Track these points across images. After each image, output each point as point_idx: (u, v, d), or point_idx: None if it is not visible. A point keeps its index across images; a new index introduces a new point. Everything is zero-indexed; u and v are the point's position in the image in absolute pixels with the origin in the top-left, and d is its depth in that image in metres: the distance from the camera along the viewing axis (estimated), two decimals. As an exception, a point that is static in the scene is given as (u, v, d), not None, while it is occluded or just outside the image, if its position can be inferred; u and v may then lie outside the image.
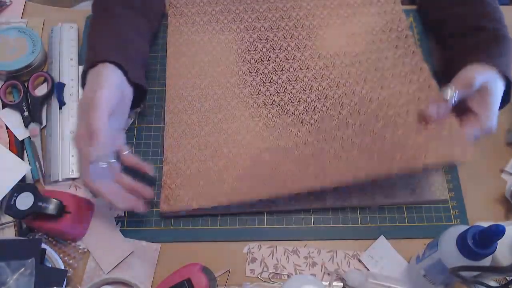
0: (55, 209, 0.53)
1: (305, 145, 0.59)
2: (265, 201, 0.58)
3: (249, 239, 0.58)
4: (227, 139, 0.61)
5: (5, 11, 0.75)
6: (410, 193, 0.60)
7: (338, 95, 0.63)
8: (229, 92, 0.64)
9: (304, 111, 0.62)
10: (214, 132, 0.62)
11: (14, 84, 0.67)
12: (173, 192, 0.59)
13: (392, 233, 0.59)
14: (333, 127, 0.60)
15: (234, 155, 0.60)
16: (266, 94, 0.64)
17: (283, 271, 0.57)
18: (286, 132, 0.61)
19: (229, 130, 0.62)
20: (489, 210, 0.61)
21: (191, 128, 0.62)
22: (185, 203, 0.58)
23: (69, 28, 0.71)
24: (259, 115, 0.63)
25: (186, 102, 0.64)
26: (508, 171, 0.62)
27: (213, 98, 0.64)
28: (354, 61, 0.66)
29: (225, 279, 0.56)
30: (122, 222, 0.59)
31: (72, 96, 0.66)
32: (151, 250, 0.57)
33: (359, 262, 0.57)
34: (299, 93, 0.64)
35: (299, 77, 0.65)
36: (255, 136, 0.61)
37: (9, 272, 0.50)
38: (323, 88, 0.64)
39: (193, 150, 0.61)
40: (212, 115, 0.63)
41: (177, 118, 0.63)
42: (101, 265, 0.56)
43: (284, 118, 0.62)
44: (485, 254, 0.44)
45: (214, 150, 0.61)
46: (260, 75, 0.65)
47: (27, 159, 0.63)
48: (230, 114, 0.63)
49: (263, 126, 0.62)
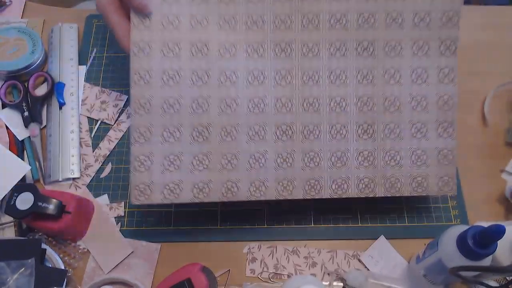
0: (55, 209, 0.53)
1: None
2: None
3: (249, 239, 0.58)
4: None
5: (5, 11, 0.75)
6: (415, 187, 0.55)
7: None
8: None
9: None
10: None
11: (14, 84, 0.67)
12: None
13: (392, 233, 0.59)
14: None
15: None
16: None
17: (283, 271, 0.57)
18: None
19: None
20: (489, 210, 0.61)
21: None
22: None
23: (69, 28, 0.71)
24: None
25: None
26: (508, 171, 0.62)
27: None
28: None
29: (225, 279, 0.56)
30: (122, 222, 0.59)
31: (72, 96, 0.66)
32: (151, 250, 0.57)
33: (359, 262, 0.57)
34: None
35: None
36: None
37: (9, 272, 0.50)
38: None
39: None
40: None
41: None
42: (101, 265, 0.56)
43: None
44: (485, 254, 0.44)
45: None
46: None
47: (27, 159, 0.63)
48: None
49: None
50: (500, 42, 0.72)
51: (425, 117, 0.54)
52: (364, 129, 0.54)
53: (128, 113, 0.66)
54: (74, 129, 0.64)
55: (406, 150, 0.54)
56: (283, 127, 0.53)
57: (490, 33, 0.73)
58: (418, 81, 0.54)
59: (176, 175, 0.52)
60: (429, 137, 0.54)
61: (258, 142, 0.53)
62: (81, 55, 0.70)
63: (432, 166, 0.54)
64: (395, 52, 0.54)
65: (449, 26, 0.53)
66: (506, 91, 0.68)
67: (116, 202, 0.60)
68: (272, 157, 0.53)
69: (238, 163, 0.53)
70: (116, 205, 0.60)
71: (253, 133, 0.53)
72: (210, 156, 0.52)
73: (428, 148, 0.54)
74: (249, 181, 0.53)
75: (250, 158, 0.53)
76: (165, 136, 0.52)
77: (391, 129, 0.54)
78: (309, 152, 0.53)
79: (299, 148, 0.53)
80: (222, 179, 0.52)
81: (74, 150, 0.63)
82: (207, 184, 0.52)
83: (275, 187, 0.53)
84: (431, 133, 0.54)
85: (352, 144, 0.54)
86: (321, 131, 0.53)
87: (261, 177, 0.53)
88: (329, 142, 0.53)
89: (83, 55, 0.70)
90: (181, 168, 0.52)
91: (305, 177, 0.53)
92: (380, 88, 0.54)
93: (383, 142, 0.54)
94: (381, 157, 0.54)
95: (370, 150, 0.54)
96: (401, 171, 0.54)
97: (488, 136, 0.65)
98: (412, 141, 0.54)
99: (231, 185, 0.53)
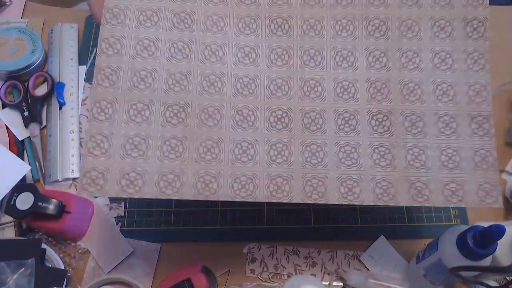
0: (55, 209, 0.53)
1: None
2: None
3: (249, 239, 0.58)
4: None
5: (5, 11, 0.75)
6: (449, 196, 0.44)
7: None
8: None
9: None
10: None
11: (14, 84, 0.67)
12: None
13: (392, 233, 0.59)
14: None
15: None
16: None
17: (283, 271, 0.57)
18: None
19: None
20: (489, 210, 0.61)
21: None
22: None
23: (69, 28, 0.71)
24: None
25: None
26: (508, 171, 0.62)
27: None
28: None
29: (225, 279, 0.56)
30: (122, 222, 0.59)
31: (72, 96, 0.66)
32: (151, 250, 0.57)
33: (359, 262, 0.57)
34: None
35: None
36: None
37: (9, 272, 0.50)
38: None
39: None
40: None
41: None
42: (101, 265, 0.56)
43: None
44: (485, 254, 0.44)
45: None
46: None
47: (27, 159, 0.63)
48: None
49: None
50: (500, 42, 0.72)
51: (453, 109, 0.45)
52: (379, 120, 0.45)
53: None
54: (74, 129, 0.64)
55: (434, 148, 0.44)
56: (278, 113, 0.45)
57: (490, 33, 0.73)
58: (442, 66, 0.46)
59: (140, 163, 0.42)
60: (460, 133, 0.45)
61: (246, 129, 0.44)
62: (81, 55, 0.70)
63: (468, 170, 0.44)
64: (413, 33, 0.46)
65: (474, 5, 0.46)
66: (506, 91, 0.68)
67: (116, 202, 0.60)
68: (263, 149, 0.44)
69: (220, 153, 0.43)
70: (116, 205, 0.60)
71: (240, 118, 0.44)
72: (186, 143, 0.43)
73: (461, 147, 0.45)
74: (233, 177, 0.43)
75: (235, 148, 0.44)
76: (131, 114, 0.43)
77: (412, 122, 0.45)
78: (310, 144, 0.44)
79: (298, 139, 0.44)
80: (198, 171, 0.43)
81: (74, 150, 0.63)
82: (178, 177, 0.42)
83: (267, 186, 0.43)
84: (463, 129, 0.45)
85: (365, 138, 0.45)
86: (325, 120, 0.45)
87: (249, 173, 0.43)
88: (335, 134, 0.44)
89: (83, 55, 0.70)
90: (147, 154, 0.43)
91: (306, 176, 0.44)
92: (396, 73, 0.46)
93: (403, 137, 0.45)
94: (403, 156, 0.44)
95: (388, 146, 0.45)
96: (428, 175, 0.44)
97: (488, 136, 0.65)
98: (440, 138, 0.45)
99: (210, 180, 0.42)
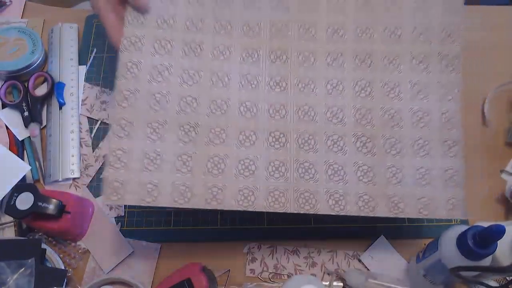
0: (55, 209, 0.53)
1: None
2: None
3: (249, 239, 0.58)
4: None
5: (5, 11, 0.75)
6: (421, 209, 0.51)
7: None
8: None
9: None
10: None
11: (14, 84, 0.67)
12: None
13: (392, 233, 0.59)
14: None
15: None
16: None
17: (283, 271, 0.57)
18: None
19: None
20: (489, 210, 0.61)
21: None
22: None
23: (69, 28, 0.71)
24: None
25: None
26: (508, 171, 0.62)
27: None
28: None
29: (225, 279, 0.56)
30: (122, 222, 0.59)
31: (72, 96, 0.66)
32: (151, 250, 0.57)
33: (359, 262, 0.57)
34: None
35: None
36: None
37: (9, 272, 0.50)
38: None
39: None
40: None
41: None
42: (101, 265, 0.56)
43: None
44: (485, 254, 0.44)
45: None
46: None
47: (27, 159, 0.63)
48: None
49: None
50: (500, 42, 0.72)
51: (427, 133, 0.52)
52: (363, 142, 0.51)
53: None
54: (74, 129, 0.64)
55: (409, 167, 0.51)
56: (276, 134, 0.51)
57: (490, 33, 0.73)
58: (419, 96, 0.52)
59: (156, 176, 0.48)
60: (433, 155, 0.51)
61: (248, 147, 0.50)
62: (81, 55, 0.70)
63: (438, 187, 0.51)
64: (394, 66, 0.53)
65: (449, 42, 0.52)
66: (506, 91, 0.68)
67: (116, 202, 0.60)
68: (263, 165, 0.50)
69: (226, 168, 0.49)
70: (116, 205, 0.60)
71: (243, 138, 0.50)
72: (196, 158, 0.49)
73: (433, 167, 0.51)
74: (236, 189, 0.49)
75: (238, 164, 0.49)
76: (147, 133, 0.49)
77: (391, 144, 0.51)
78: (303, 162, 0.50)
79: (293, 157, 0.51)
80: (206, 184, 0.49)
81: (74, 150, 0.63)
82: (189, 188, 0.48)
83: (265, 197, 0.49)
84: (435, 151, 0.51)
85: (350, 157, 0.51)
86: (316, 141, 0.51)
87: (250, 186, 0.49)
88: (325, 154, 0.51)
89: (83, 55, 0.70)
90: (162, 168, 0.48)
91: (299, 189, 0.50)
92: (379, 101, 0.52)
93: (383, 157, 0.51)
94: (382, 174, 0.51)
95: (370, 165, 0.51)
96: (404, 190, 0.50)
97: (488, 136, 0.65)
98: (415, 159, 0.51)
99: (217, 192, 0.49)
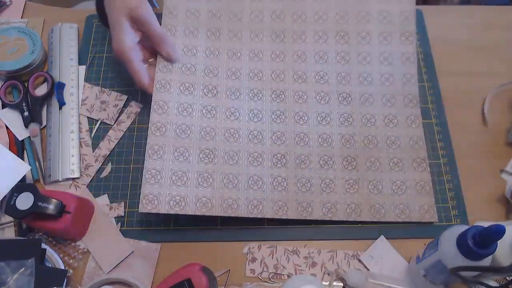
0: (55, 209, 0.53)
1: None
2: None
3: (249, 239, 0.58)
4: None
5: (5, 11, 0.75)
6: (399, 214, 0.59)
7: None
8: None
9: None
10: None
11: (14, 84, 0.67)
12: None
13: (392, 233, 0.59)
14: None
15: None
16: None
17: (283, 271, 0.57)
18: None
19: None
20: (489, 210, 0.61)
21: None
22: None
23: (69, 28, 0.71)
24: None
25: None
26: (508, 171, 0.62)
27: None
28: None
29: (225, 279, 0.56)
30: (122, 222, 0.59)
31: (72, 96, 0.66)
32: (151, 250, 0.57)
33: (359, 262, 0.57)
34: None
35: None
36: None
37: (9, 272, 0.50)
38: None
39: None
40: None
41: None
42: (101, 265, 0.56)
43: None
44: (485, 254, 0.44)
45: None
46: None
47: (27, 159, 0.63)
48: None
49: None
50: (500, 42, 0.72)
51: (400, 154, 0.63)
52: (349, 161, 0.62)
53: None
54: (74, 129, 0.64)
55: (387, 180, 0.61)
56: (278, 156, 0.62)
57: (490, 33, 0.73)
58: (390, 124, 0.64)
59: (183, 190, 0.57)
60: (405, 170, 0.62)
61: (256, 166, 0.60)
62: (81, 55, 0.70)
63: (412, 196, 0.61)
64: (369, 102, 0.65)
65: (409, 85, 0.66)
66: (506, 91, 0.68)
67: (116, 202, 0.60)
68: (268, 180, 0.60)
69: (239, 183, 0.59)
70: (116, 205, 0.60)
71: (252, 159, 0.61)
72: (214, 175, 0.59)
73: (406, 179, 0.61)
74: (248, 200, 0.58)
75: (249, 180, 0.59)
76: (175, 155, 0.58)
77: (371, 162, 0.62)
78: (301, 178, 0.61)
79: (292, 174, 0.61)
80: (223, 196, 0.58)
81: (74, 150, 0.63)
82: (209, 199, 0.57)
83: (272, 206, 0.59)
84: (407, 167, 0.62)
85: (339, 173, 0.61)
86: (311, 161, 0.62)
87: (259, 197, 0.59)
88: (318, 171, 0.61)
89: (83, 55, 0.70)
90: (188, 183, 0.57)
91: (298, 200, 0.59)
92: (359, 129, 0.64)
93: (366, 173, 0.61)
94: (365, 186, 0.61)
95: (355, 179, 0.61)
96: (383, 199, 0.60)
97: (488, 136, 0.65)
98: (391, 173, 0.61)
99: (232, 202, 0.58)
